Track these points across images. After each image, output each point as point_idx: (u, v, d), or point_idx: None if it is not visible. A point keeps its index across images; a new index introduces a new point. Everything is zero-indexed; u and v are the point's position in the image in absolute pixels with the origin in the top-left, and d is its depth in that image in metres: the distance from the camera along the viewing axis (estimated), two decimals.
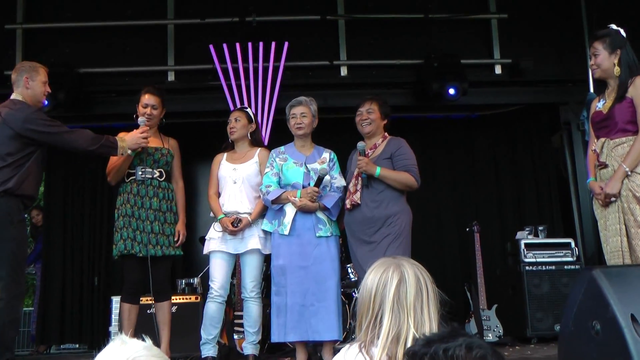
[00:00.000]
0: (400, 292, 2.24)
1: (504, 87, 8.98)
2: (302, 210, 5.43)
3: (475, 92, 8.58)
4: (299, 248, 5.41)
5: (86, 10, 8.89)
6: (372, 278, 2.32)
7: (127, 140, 5.48)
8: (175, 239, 5.68)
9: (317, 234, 5.42)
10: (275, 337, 5.44)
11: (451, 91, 8.16)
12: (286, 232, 5.43)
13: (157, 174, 5.69)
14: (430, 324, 2.23)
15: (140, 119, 5.64)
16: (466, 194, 9.66)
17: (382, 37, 8.81)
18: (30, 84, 5.40)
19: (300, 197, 5.40)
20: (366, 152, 5.46)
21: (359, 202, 5.37)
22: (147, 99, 5.77)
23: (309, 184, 5.47)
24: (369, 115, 5.58)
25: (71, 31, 8.87)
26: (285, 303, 5.35)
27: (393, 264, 2.32)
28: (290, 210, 5.48)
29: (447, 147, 9.68)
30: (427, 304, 2.26)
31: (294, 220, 5.45)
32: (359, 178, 5.40)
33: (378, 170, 5.31)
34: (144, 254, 5.50)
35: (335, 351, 2.41)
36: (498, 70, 8.90)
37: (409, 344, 2.14)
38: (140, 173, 5.63)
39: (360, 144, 5.47)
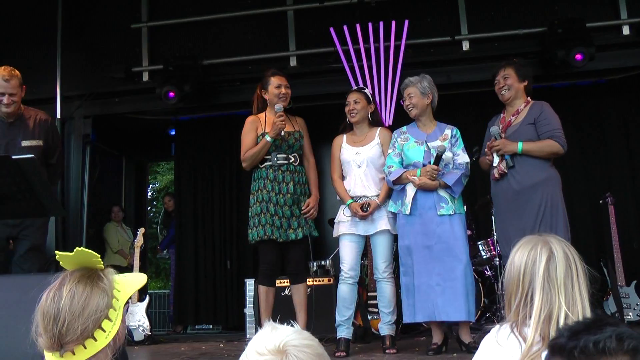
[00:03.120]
0: (550, 269, 2.20)
1: (633, 48, 8.53)
2: (422, 189, 5.39)
3: (602, 56, 8.22)
4: (422, 227, 5.38)
5: (207, 3, 9.12)
6: (519, 256, 2.28)
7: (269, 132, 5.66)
8: (304, 209, 5.73)
9: (439, 212, 5.36)
10: (406, 318, 5.47)
11: (578, 57, 7.84)
12: (407, 212, 5.42)
13: (292, 159, 5.78)
14: (581, 302, 2.18)
15: (277, 106, 5.70)
16: (597, 163, 9.29)
17: (503, 8, 8.61)
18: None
19: (420, 176, 5.37)
20: (503, 127, 5.35)
21: (506, 171, 5.29)
22: (278, 79, 5.87)
23: (429, 163, 5.41)
24: (505, 82, 5.47)
25: (193, 25, 9.16)
26: (412, 283, 5.36)
27: (540, 240, 2.28)
28: (410, 190, 5.45)
29: (575, 115, 9.30)
30: (577, 281, 2.21)
31: (414, 199, 5.42)
32: (504, 160, 5.29)
33: (520, 147, 5.19)
34: (283, 239, 5.60)
35: (483, 332, 2.38)
36: (626, 30, 8.48)
37: (561, 324, 2.10)
38: (276, 159, 5.72)
39: (493, 129, 5.36)
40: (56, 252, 1.96)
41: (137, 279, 2.11)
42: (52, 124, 5.89)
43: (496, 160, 5.34)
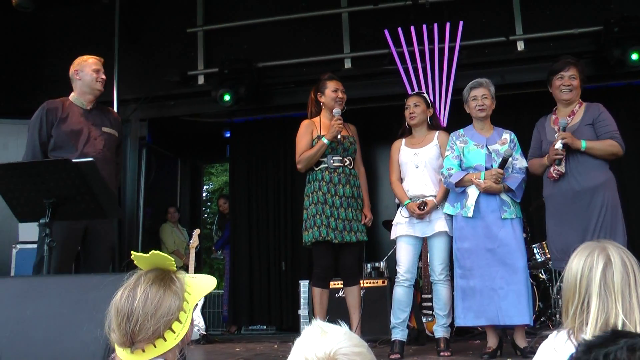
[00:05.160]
0: (607, 275, 2.16)
1: None
2: (486, 192, 5.34)
3: None
4: (485, 230, 5.32)
5: (261, 6, 9.24)
6: (576, 262, 2.25)
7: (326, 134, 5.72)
8: (364, 222, 5.79)
9: (503, 216, 5.30)
10: (461, 321, 5.40)
11: (634, 57, 7.71)
12: (470, 214, 5.35)
13: (348, 162, 5.81)
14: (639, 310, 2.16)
15: (336, 110, 5.76)
16: None
17: (558, 7, 8.49)
18: (80, 75, 5.61)
19: (485, 179, 5.32)
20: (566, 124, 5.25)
21: (562, 171, 5.17)
22: (335, 84, 5.93)
23: (491, 166, 5.37)
24: (571, 82, 5.31)
25: (248, 28, 9.25)
26: (472, 286, 5.31)
27: (598, 247, 2.24)
28: (472, 192, 5.40)
29: (631, 116, 9.05)
30: (635, 288, 2.16)
31: (477, 202, 5.36)
32: (559, 159, 5.17)
33: (584, 144, 5.07)
34: (339, 240, 5.62)
35: (539, 336, 2.37)
36: None
37: None
38: (331, 161, 5.75)
39: (562, 120, 5.20)
40: (132, 252, 2.04)
41: (207, 283, 2.17)
42: (120, 120, 6.02)
43: (559, 145, 5.14)
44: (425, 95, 6.15)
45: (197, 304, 2.06)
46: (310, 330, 1.60)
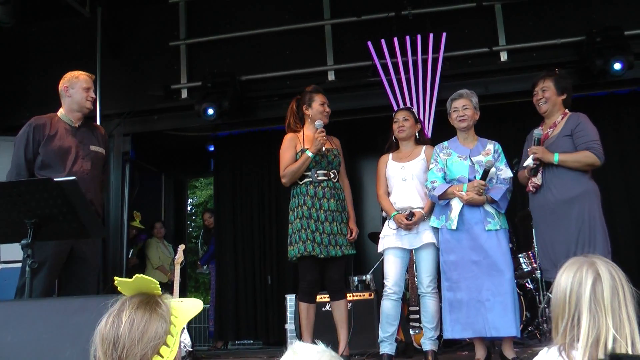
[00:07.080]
0: (597, 290, 2.16)
1: None
2: (469, 204, 5.34)
3: None
4: (470, 242, 5.32)
5: (244, 20, 9.21)
6: (565, 278, 2.25)
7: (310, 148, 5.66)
8: (351, 237, 5.74)
9: (487, 228, 5.30)
10: (449, 334, 5.38)
11: (616, 66, 7.73)
12: (454, 227, 5.35)
13: (332, 175, 5.77)
14: (630, 325, 2.14)
15: (318, 122, 5.70)
16: (638, 173, 9.11)
17: (540, 18, 8.54)
18: (70, 92, 5.54)
19: (467, 191, 5.32)
20: (541, 139, 5.30)
21: (539, 183, 5.25)
22: (322, 97, 5.89)
23: (474, 177, 5.36)
24: (543, 94, 5.42)
25: (231, 41, 9.23)
26: (459, 299, 5.29)
27: (586, 262, 2.24)
28: (456, 205, 5.39)
29: (614, 124, 9.18)
30: (625, 303, 2.16)
31: (461, 214, 5.36)
32: (536, 172, 5.26)
33: (556, 157, 5.14)
34: (324, 255, 5.57)
35: (526, 346, 2.36)
36: None
37: (609, 347, 2.07)
38: (316, 175, 5.71)
39: (536, 131, 5.30)
40: (115, 277, 2.00)
41: (193, 306, 2.13)
42: (107, 137, 5.99)
43: (529, 162, 5.28)
44: (414, 110, 6.18)
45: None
46: (285, 354, 1.65)
